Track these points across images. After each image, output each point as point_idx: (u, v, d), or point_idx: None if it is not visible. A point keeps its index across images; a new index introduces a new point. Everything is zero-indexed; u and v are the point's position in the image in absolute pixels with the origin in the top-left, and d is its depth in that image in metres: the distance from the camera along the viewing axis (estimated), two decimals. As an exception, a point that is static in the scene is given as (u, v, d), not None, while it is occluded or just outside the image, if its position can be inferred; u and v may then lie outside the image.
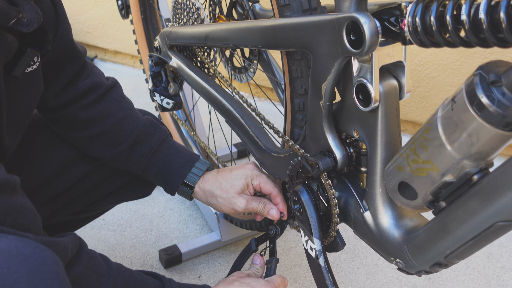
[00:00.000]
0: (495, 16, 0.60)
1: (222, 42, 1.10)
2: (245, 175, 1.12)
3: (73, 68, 1.08)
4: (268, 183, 1.11)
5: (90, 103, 1.11)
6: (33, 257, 0.68)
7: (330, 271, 0.98)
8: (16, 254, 0.67)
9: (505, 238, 1.64)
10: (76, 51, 1.07)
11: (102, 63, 2.68)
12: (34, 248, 0.69)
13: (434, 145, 0.71)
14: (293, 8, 0.94)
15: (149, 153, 1.14)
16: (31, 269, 0.66)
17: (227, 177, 1.12)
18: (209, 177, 1.15)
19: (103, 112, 1.12)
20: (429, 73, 1.98)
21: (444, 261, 0.80)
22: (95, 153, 1.15)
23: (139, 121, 1.14)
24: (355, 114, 0.88)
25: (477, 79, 0.63)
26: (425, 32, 0.70)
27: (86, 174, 1.16)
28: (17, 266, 0.66)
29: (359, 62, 0.83)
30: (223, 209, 1.13)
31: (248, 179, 1.12)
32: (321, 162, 0.93)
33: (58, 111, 1.10)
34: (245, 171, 1.13)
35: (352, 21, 0.77)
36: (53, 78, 1.05)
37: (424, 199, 0.78)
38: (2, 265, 0.65)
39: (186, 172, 1.14)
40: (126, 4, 1.67)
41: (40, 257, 0.68)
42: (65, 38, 1.03)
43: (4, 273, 0.65)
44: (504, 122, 0.62)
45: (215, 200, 1.13)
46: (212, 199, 1.14)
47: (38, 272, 0.67)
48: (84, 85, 1.09)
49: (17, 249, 0.67)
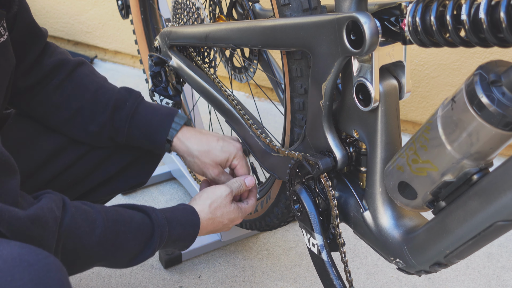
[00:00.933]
0: (495, 16, 0.60)
1: (222, 42, 1.10)
2: (230, 151, 1.15)
3: (37, 46, 1.10)
4: (245, 169, 1.16)
5: (61, 81, 1.12)
6: (37, 264, 0.67)
7: (334, 265, 0.98)
8: (19, 262, 0.66)
9: (505, 238, 1.64)
10: (39, 30, 1.10)
11: (102, 63, 2.68)
12: (37, 255, 0.68)
13: (434, 145, 0.71)
14: (293, 7, 0.94)
15: (128, 117, 1.13)
16: (35, 276, 0.65)
17: (212, 146, 1.14)
18: (191, 134, 1.15)
19: (77, 89, 1.13)
20: (429, 73, 1.98)
21: (444, 261, 0.80)
22: (80, 134, 1.14)
23: (114, 90, 1.15)
24: (355, 114, 0.88)
25: (477, 78, 0.63)
26: (425, 32, 0.70)
27: (77, 160, 1.16)
28: (21, 274, 0.65)
29: (359, 62, 0.83)
30: (194, 168, 1.17)
31: (231, 156, 1.15)
32: (321, 162, 0.93)
33: (32, 96, 1.11)
34: (231, 148, 1.15)
35: (352, 21, 0.77)
36: (20, 58, 1.06)
37: (424, 199, 0.78)
38: (5, 273, 0.64)
39: (168, 127, 1.14)
40: (126, 4, 1.68)
41: (43, 264, 0.67)
42: (28, 13, 1.06)
43: (8, 281, 0.64)
44: (504, 122, 0.62)
45: (191, 159, 1.15)
46: (188, 157, 1.15)
47: (42, 280, 0.66)
48: (50, 62, 1.11)
49: (20, 256, 0.66)
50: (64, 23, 2.58)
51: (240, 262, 1.52)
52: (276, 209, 1.24)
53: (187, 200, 1.76)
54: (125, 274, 1.47)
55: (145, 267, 1.50)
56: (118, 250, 0.92)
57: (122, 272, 1.47)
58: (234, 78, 1.28)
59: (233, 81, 1.31)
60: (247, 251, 1.56)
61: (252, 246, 1.58)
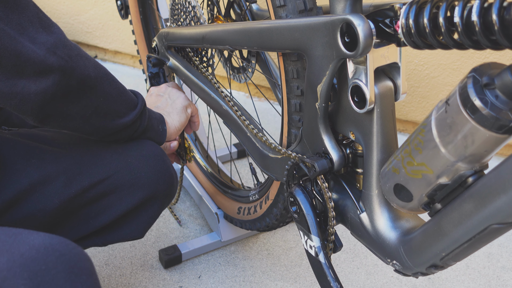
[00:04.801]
0: (488, 18, 0.60)
1: (219, 43, 1.10)
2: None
3: None
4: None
5: None
6: (68, 254, 0.70)
7: (331, 267, 0.98)
8: (52, 251, 0.69)
9: (505, 238, 1.63)
10: None
11: (102, 63, 2.68)
12: (67, 245, 0.71)
13: (429, 147, 0.71)
14: (288, 9, 0.94)
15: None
16: (67, 265, 0.69)
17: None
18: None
19: None
20: (429, 73, 1.97)
21: (440, 263, 0.79)
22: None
23: None
24: (350, 115, 0.88)
25: (470, 81, 0.63)
26: (419, 34, 0.70)
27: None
28: (54, 263, 0.68)
29: (354, 64, 0.82)
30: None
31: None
32: (318, 164, 0.92)
33: None
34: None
35: (346, 23, 0.77)
36: None
37: (420, 201, 0.78)
38: (40, 262, 0.67)
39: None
40: (125, 5, 1.67)
41: (74, 253, 0.70)
42: None
43: (43, 269, 0.67)
44: (497, 125, 0.62)
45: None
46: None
47: (74, 269, 0.69)
48: None
49: (52, 246, 0.69)
50: (64, 23, 2.58)
51: (240, 262, 1.52)
52: (274, 209, 1.24)
53: (187, 200, 1.76)
54: (125, 274, 1.47)
55: (145, 267, 1.50)
56: (112, 84, 0.98)
57: (122, 272, 1.47)
58: (232, 78, 1.27)
59: (232, 81, 1.31)
60: (247, 251, 1.56)
61: (252, 246, 1.58)
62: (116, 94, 0.99)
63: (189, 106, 1.23)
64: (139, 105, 1.04)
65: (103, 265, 1.49)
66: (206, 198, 1.60)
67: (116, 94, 0.99)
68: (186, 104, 1.22)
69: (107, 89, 0.97)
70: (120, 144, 1.07)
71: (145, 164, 1.07)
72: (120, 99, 1.00)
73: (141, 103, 1.04)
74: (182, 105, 1.21)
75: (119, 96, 1.00)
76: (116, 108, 0.99)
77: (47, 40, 0.85)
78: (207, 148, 1.74)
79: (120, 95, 1.00)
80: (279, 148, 1.04)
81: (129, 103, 1.02)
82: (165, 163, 1.11)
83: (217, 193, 1.56)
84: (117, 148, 1.06)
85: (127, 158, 1.06)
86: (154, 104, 1.22)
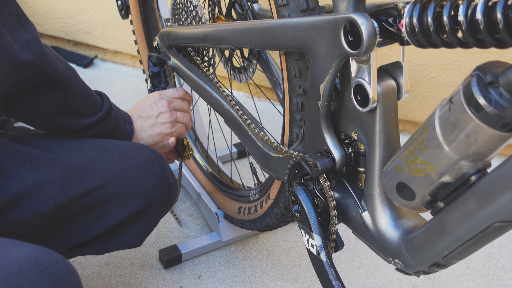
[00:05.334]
0: (492, 17, 0.60)
1: (220, 42, 1.10)
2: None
3: None
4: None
5: None
6: (52, 267, 0.67)
7: (332, 266, 0.98)
8: (35, 265, 0.66)
9: (505, 238, 1.64)
10: None
11: (102, 63, 2.68)
12: (52, 258, 0.68)
13: (432, 145, 0.71)
14: (291, 8, 0.94)
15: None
16: (50, 280, 0.66)
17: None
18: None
19: None
20: (429, 73, 1.98)
21: (442, 262, 0.79)
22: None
23: None
24: (353, 114, 0.88)
25: (475, 79, 0.63)
26: (423, 32, 0.70)
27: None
28: (37, 278, 0.65)
29: (357, 62, 0.83)
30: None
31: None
32: (320, 163, 0.92)
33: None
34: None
35: (349, 22, 0.77)
36: None
37: (422, 200, 0.78)
38: (22, 277, 0.65)
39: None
40: (126, 4, 1.67)
41: (58, 267, 0.68)
42: None
43: (25, 284, 0.64)
44: (501, 123, 0.62)
45: None
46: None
47: (58, 284, 0.67)
48: None
49: (36, 260, 0.67)
50: (64, 23, 2.58)
51: (240, 262, 1.52)
52: (275, 209, 1.24)
53: (187, 200, 1.76)
54: (125, 274, 1.47)
55: (145, 267, 1.50)
56: (81, 86, 1.02)
57: (122, 272, 1.47)
58: (233, 78, 1.28)
59: (232, 81, 1.31)
60: (247, 251, 1.56)
61: (252, 246, 1.58)
62: (84, 96, 1.03)
63: (167, 137, 1.24)
64: (104, 109, 1.07)
65: (103, 265, 1.49)
66: (206, 198, 1.60)
67: (83, 95, 1.03)
68: (166, 133, 1.23)
69: (75, 89, 1.00)
70: (118, 150, 1.07)
71: (142, 172, 1.07)
72: (86, 101, 1.04)
73: (106, 106, 1.08)
74: (159, 131, 1.22)
75: (86, 97, 1.04)
76: (82, 108, 1.03)
77: (22, 36, 0.88)
78: (207, 148, 1.74)
79: (87, 97, 1.04)
80: (281, 147, 1.04)
81: (94, 105, 1.06)
82: (164, 171, 1.10)
83: (217, 193, 1.56)
84: (114, 155, 1.06)
85: (124, 166, 1.05)
86: (140, 110, 1.22)
